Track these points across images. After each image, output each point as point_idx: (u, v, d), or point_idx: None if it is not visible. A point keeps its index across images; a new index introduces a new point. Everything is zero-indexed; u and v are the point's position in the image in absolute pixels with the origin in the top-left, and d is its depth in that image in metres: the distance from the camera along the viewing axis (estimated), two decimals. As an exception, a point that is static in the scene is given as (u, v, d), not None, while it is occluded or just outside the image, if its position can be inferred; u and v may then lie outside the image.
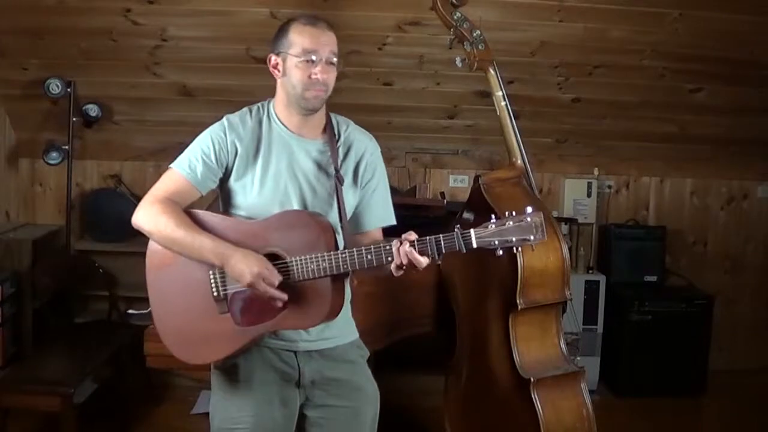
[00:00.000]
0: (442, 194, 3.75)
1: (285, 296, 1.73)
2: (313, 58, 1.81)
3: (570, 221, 4.22)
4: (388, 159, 4.27)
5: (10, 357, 3.31)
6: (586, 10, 3.50)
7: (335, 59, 1.85)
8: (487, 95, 3.00)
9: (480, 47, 2.73)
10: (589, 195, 4.33)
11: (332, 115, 1.96)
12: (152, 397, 3.71)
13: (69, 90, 3.78)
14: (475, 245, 1.66)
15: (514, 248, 1.67)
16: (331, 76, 1.84)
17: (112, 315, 3.82)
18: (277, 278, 1.72)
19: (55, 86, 3.73)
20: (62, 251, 3.95)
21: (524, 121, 3.55)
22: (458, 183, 4.33)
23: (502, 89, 2.73)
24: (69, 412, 2.84)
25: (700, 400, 4.05)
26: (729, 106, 4.03)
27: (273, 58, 1.88)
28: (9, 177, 4.15)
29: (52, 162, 3.92)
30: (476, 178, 2.73)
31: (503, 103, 2.73)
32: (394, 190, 4.12)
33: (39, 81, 3.75)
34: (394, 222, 2.01)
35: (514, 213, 1.67)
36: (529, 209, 1.66)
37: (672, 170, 4.45)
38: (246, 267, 1.71)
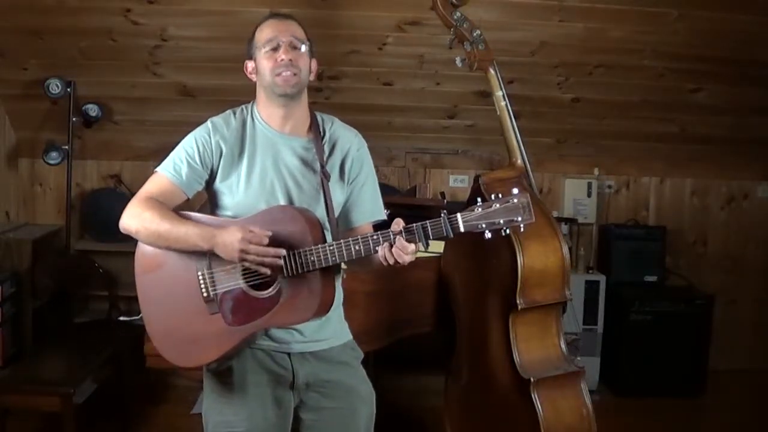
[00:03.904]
0: (442, 194, 3.75)
1: (282, 251, 1.71)
2: (276, 44, 1.84)
3: (570, 221, 4.22)
4: (388, 159, 4.28)
5: (10, 357, 3.31)
6: (586, 10, 3.50)
7: (301, 45, 1.86)
8: (487, 95, 3.00)
9: (480, 47, 2.72)
10: (589, 195, 4.33)
11: (317, 114, 1.97)
12: (152, 397, 3.72)
13: (69, 90, 3.78)
14: (462, 229, 1.65)
15: (503, 231, 1.64)
16: (299, 59, 1.85)
17: (112, 315, 3.81)
18: (264, 234, 1.70)
19: (55, 86, 3.73)
20: (62, 251, 3.95)
21: (524, 121, 3.54)
22: (458, 183, 4.33)
23: (502, 89, 2.73)
24: (69, 412, 2.84)
25: (700, 400, 4.05)
26: (729, 106, 4.03)
27: (248, 65, 1.91)
28: (9, 177, 4.15)
29: (52, 162, 3.92)
30: (476, 178, 2.73)
31: (503, 103, 2.73)
32: (393, 190, 4.18)
33: (39, 81, 3.75)
34: (383, 217, 2.01)
35: (500, 195, 1.65)
36: (515, 191, 1.64)
37: (672, 170, 4.45)
38: (230, 237, 1.71)
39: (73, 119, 3.85)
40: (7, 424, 3.11)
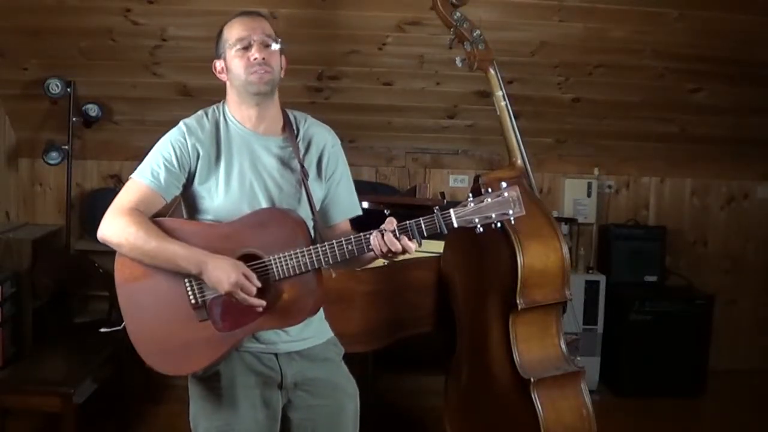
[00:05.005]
0: (442, 194, 3.75)
1: (263, 303, 1.71)
2: (247, 43, 1.82)
3: (570, 221, 4.22)
4: (388, 159, 4.28)
5: (10, 357, 3.30)
6: (586, 10, 3.51)
7: (272, 42, 1.84)
8: (487, 95, 3.00)
9: (480, 47, 2.72)
10: (589, 195, 4.33)
11: (289, 111, 1.95)
12: (152, 397, 3.72)
13: (69, 90, 3.78)
14: (455, 224, 1.66)
15: (494, 224, 1.67)
16: (272, 57, 1.83)
17: (112, 315, 3.81)
18: (254, 285, 1.70)
19: (55, 86, 3.73)
20: (62, 251, 3.94)
21: (524, 121, 3.55)
22: (458, 183, 4.33)
23: (502, 89, 2.73)
24: (69, 412, 2.84)
25: (700, 400, 4.05)
26: (729, 106, 4.03)
27: (217, 64, 1.91)
28: (9, 177, 4.15)
29: (52, 162, 3.92)
30: (476, 178, 2.73)
31: (503, 103, 2.73)
32: (393, 190, 4.17)
33: (39, 81, 3.74)
34: (360, 212, 2.01)
35: (490, 190, 1.67)
36: (504, 184, 1.67)
37: (672, 170, 4.45)
38: (223, 274, 1.68)
39: (73, 119, 3.85)
40: (7, 424, 3.11)
